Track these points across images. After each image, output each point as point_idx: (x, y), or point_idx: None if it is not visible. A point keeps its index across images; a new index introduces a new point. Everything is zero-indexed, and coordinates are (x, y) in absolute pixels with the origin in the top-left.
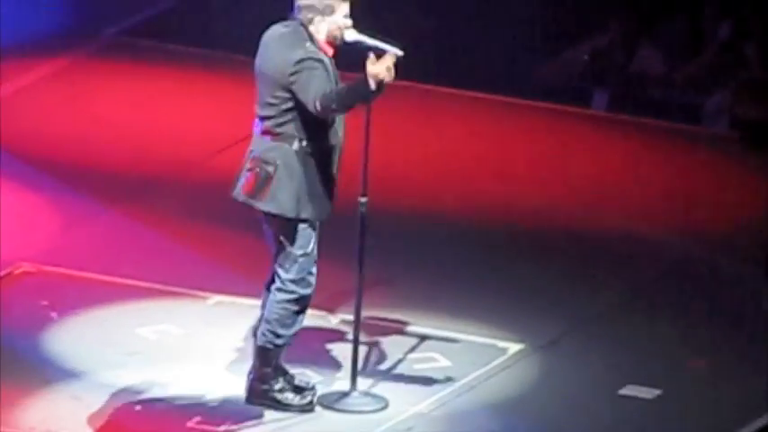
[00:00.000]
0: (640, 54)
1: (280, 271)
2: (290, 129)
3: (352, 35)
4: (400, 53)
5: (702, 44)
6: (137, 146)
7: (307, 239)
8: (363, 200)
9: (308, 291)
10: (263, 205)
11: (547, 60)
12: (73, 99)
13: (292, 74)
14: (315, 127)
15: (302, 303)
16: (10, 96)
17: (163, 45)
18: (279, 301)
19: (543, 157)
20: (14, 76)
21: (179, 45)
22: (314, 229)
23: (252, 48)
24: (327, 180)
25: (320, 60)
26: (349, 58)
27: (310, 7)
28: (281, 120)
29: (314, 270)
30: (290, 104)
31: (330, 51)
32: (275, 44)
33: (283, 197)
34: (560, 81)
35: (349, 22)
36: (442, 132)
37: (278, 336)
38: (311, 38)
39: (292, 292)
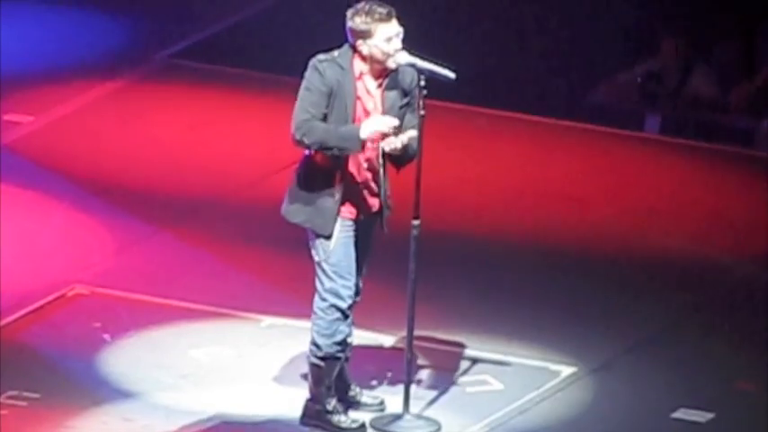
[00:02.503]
0: (693, 77)
1: (316, 280)
2: None
3: (403, 58)
4: (453, 76)
5: (755, 67)
6: (190, 168)
7: (324, 247)
8: (416, 222)
9: (338, 301)
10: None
11: (600, 83)
12: (126, 121)
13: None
14: None
15: (338, 313)
16: (66, 118)
17: (216, 67)
18: (315, 311)
19: (595, 180)
20: (71, 97)
21: (232, 67)
22: (329, 239)
23: (304, 69)
24: (331, 194)
25: (319, 71)
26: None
27: (351, 30)
28: None
29: (345, 282)
30: None
31: (365, 71)
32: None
33: (289, 202)
34: (613, 104)
35: (396, 44)
36: (496, 155)
37: (318, 347)
38: (345, 52)
39: (324, 299)
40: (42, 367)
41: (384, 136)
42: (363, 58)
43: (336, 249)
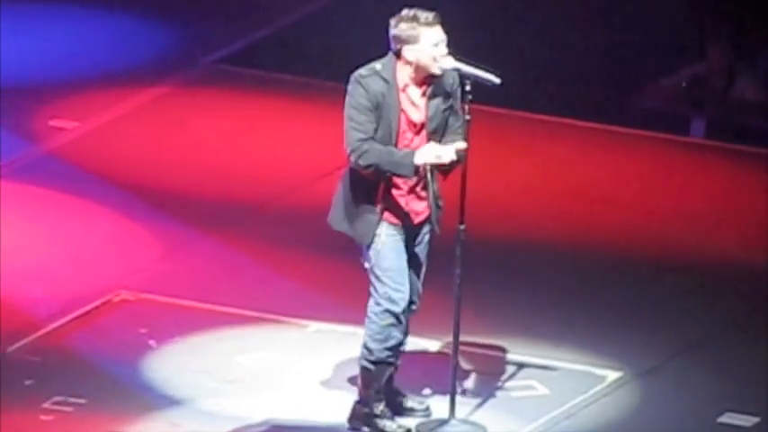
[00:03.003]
0: (739, 81)
1: (370, 286)
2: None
3: (449, 63)
4: (497, 81)
5: None
6: (236, 173)
7: (373, 254)
8: (462, 227)
9: (392, 306)
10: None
11: (645, 87)
12: (172, 126)
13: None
14: None
15: (392, 318)
16: (108, 124)
17: (261, 73)
18: (369, 316)
19: (641, 185)
20: (113, 104)
21: (277, 73)
22: (379, 246)
23: (349, 75)
24: (372, 202)
25: (362, 85)
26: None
27: (396, 37)
28: None
29: (398, 287)
30: None
31: (409, 81)
32: None
33: (334, 210)
34: (659, 108)
35: (442, 49)
36: (540, 159)
37: (370, 351)
38: (388, 63)
39: (378, 304)
40: (88, 373)
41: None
42: (408, 65)
43: (386, 254)
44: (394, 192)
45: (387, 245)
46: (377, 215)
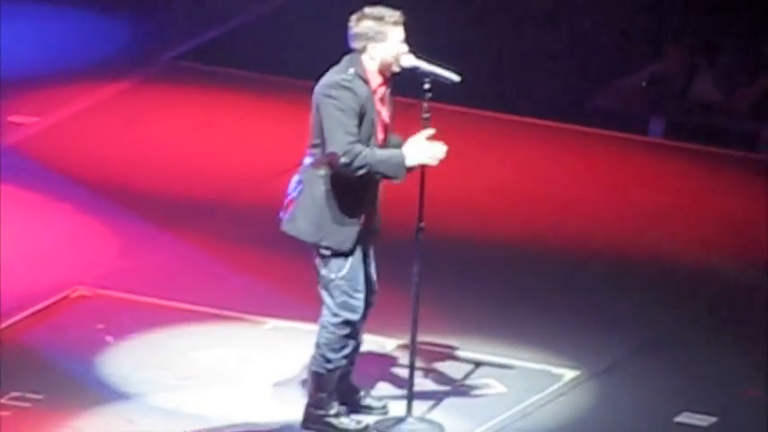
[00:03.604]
0: (698, 81)
1: (323, 295)
2: (322, 156)
3: (409, 60)
4: (457, 79)
5: (759, 71)
6: (193, 170)
7: (339, 264)
8: (421, 226)
9: (352, 315)
10: (284, 226)
11: (604, 87)
12: (130, 123)
13: (323, 97)
14: None
15: (349, 327)
16: (68, 120)
17: (220, 69)
18: (325, 326)
19: (599, 184)
20: (72, 99)
21: (236, 69)
22: (347, 255)
23: (308, 72)
24: (355, 209)
25: (351, 90)
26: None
27: (362, 35)
28: (317, 148)
29: (358, 294)
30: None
31: (379, 80)
32: (325, 75)
33: (302, 221)
34: (618, 108)
35: (405, 47)
36: (499, 158)
37: (327, 360)
38: (359, 65)
39: (336, 315)
40: (45, 369)
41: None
42: (372, 63)
43: (356, 263)
44: (367, 198)
45: (357, 253)
46: (358, 223)
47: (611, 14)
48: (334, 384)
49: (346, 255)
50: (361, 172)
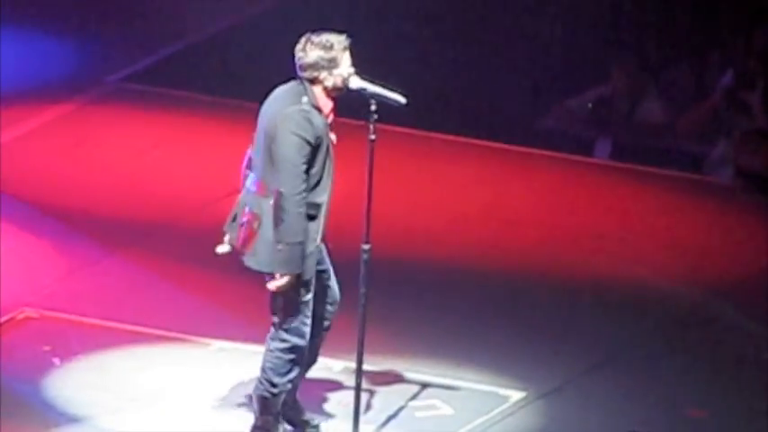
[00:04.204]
0: (643, 103)
1: (274, 319)
2: (276, 184)
3: (356, 82)
4: (403, 101)
5: (706, 94)
6: (139, 192)
7: (303, 290)
8: (366, 247)
9: (300, 341)
10: (246, 260)
11: (550, 108)
12: (75, 145)
13: (284, 130)
14: (309, 183)
15: (296, 352)
16: (13, 141)
17: (165, 91)
18: (272, 350)
19: (545, 205)
20: (17, 121)
21: (181, 91)
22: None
23: (251, 94)
24: (312, 235)
25: (311, 123)
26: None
27: (314, 65)
28: (268, 177)
29: (307, 320)
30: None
31: (329, 105)
32: (274, 101)
33: (263, 253)
34: (564, 129)
35: (352, 69)
36: (445, 179)
37: (273, 384)
38: (311, 95)
39: (285, 340)
40: None
41: None
42: (323, 90)
43: (309, 289)
44: (314, 230)
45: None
46: (316, 248)
47: (558, 36)
48: (280, 407)
49: (308, 279)
50: (287, 226)
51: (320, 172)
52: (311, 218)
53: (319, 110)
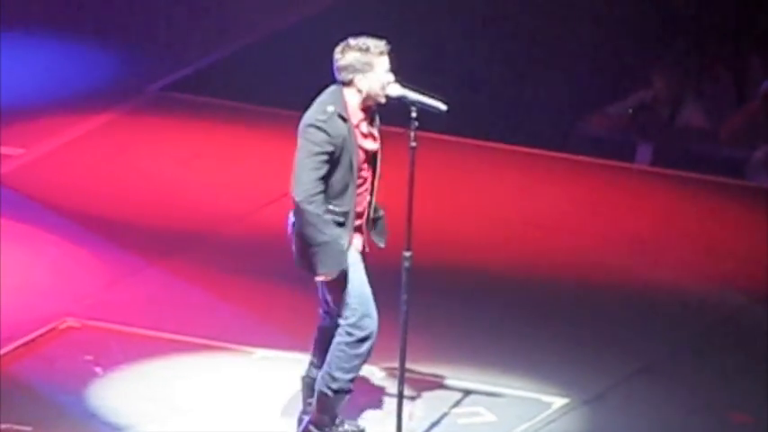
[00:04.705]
0: (685, 108)
1: (339, 319)
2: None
3: (395, 90)
4: (443, 108)
5: (746, 98)
6: (180, 201)
7: (354, 280)
8: (408, 254)
9: (363, 333)
10: (297, 264)
11: (592, 114)
12: (117, 154)
13: (300, 135)
14: (331, 189)
15: (362, 347)
16: (57, 151)
17: (206, 100)
18: (338, 344)
19: (586, 211)
20: (60, 131)
21: (223, 100)
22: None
23: (293, 102)
24: (342, 237)
25: (324, 131)
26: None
27: (348, 67)
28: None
29: (372, 313)
30: None
31: (360, 115)
32: (310, 106)
33: (303, 257)
34: (605, 135)
35: (391, 77)
36: (487, 187)
37: (334, 379)
38: (340, 101)
39: (350, 334)
40: (34, 400)
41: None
42: (358, 95)
43: (355, 284)
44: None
45: (358, 273)
46: (346, 245)
47: (599, 41)
48: (337, 411)
49: (345, 277)
50: (305, 228)
51: (343, 180)
52: (339, 224)
53: (345, 118)
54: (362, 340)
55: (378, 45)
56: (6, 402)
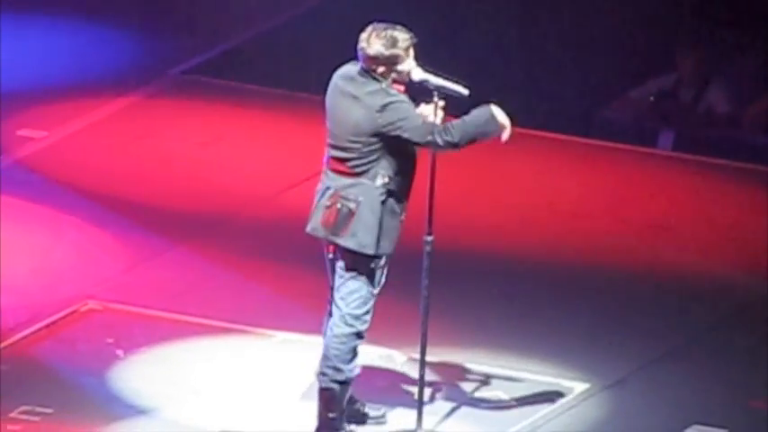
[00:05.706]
0: (708, 93)
1: (341, 304)
2: (374, 167)
3: (418, 74)
4: (466, 92)
5: None
6: (202, 184)
7: (378, 277)
8: (429, 238)
9: (365, 327)
10: (344, 241)
11: (613, 99)
12: (139, 137)
13: (383, 118)
14: (397, 166)
15: (360, 339)
16: (76, 134)
17: (228, 83)
18: (337, 336)
19: (607, 197)
20: (82, 113)
21: (245, 83)
22: (384, 267)
23: (316, 86)
24: (399, 216)
25: (402, 100)
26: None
27: (374, 59)
28: (363, 160)
29: (370, 310)
30: (375, 146)
31: (401, 89)
32: (351, 88)
33: (364, 234)
34: (627, 120)
35: (414, 63)
36: (507, 171)
37: (340, 371)
38: (381, 79)
39: (352, 325)
40: (55, 383)
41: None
42: (385, 80)
43: (383, 275)
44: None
45: (383, 266)
46: (400, 225)
47: (620, 26)
48: (345, 403)
49: (385, 265)
50: (463, 142)
51: (409, 162)
52: (399, 200)
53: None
54: (359, 335)
55: (405, 38)
56: (28, 384)
